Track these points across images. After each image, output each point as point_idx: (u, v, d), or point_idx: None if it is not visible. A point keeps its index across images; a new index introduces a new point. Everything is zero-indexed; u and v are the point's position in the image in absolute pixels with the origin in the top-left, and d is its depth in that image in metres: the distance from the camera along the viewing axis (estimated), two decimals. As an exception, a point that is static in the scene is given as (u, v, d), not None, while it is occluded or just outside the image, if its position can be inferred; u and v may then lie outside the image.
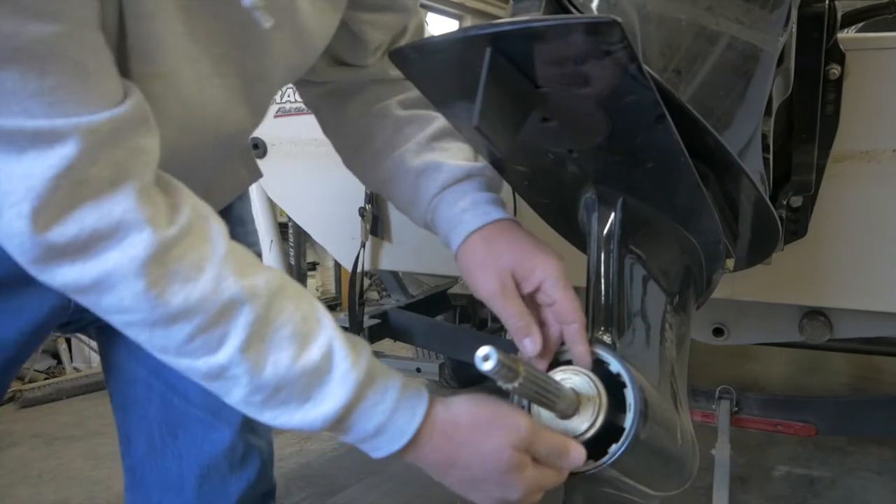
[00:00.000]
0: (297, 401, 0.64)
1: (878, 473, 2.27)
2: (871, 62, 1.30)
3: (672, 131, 0.64)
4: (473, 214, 0.83)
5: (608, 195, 0.77)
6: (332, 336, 0.65)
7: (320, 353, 0.64)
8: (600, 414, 0.69)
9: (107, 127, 0.57)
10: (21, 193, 0.55)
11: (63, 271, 0.59)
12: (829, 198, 1.33)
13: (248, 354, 0.61)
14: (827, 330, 1.56)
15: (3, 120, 0.54)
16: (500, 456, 0.67)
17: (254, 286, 0.62)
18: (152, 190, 0.61)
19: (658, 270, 0.83)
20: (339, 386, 0.64)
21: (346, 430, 0.66)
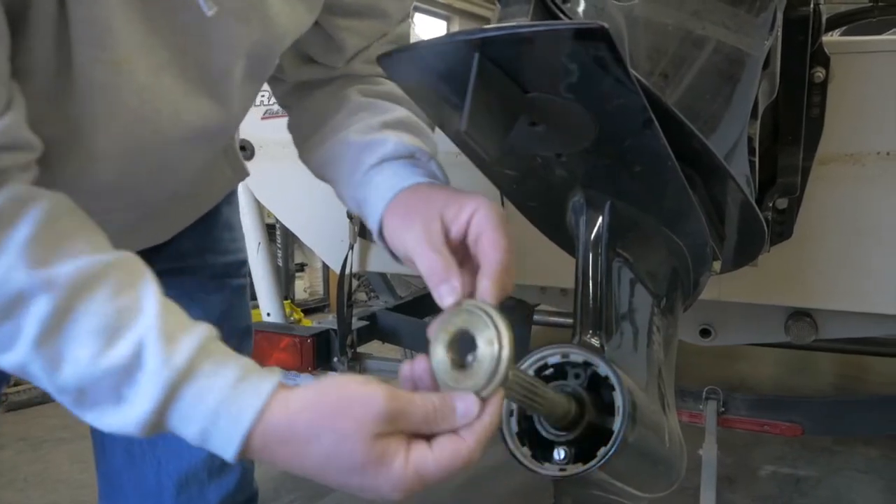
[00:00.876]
0: (109, 402, 0.56)
1: (863, 472, 2.29)
2: (855, 65, 1.31)
3: (659, 136, 0.65)
4: (408, 178, 0.76)
5: (596, 199, 0.77)
6: (150, 327, 0.56)
7: (130, 348, 0.55)
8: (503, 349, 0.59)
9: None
10: None
11: None
12: (814, 200, 1.35)
13: (42, 351, 0.55)
14: (812, 330, 1.57)
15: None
16: (351, 452, 0.56)
17: (52, 276, 0.55)
18: None
19: (645, 273, 0.84)
20: (148, 385, 0.55)
21: (177, 431, 0.58)
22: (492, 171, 0.79)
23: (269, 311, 2.11)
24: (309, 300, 5.18)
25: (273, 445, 0.57)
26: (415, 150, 0.81)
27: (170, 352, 0.56)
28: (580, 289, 0.78)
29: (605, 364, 0.72)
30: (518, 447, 0.73)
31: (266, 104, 1.80)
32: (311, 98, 0.91)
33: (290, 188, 1.83)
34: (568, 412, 0.70)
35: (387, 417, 0.56)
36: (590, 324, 0.77)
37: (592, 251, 0.77)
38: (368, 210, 0.79)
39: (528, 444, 0.73)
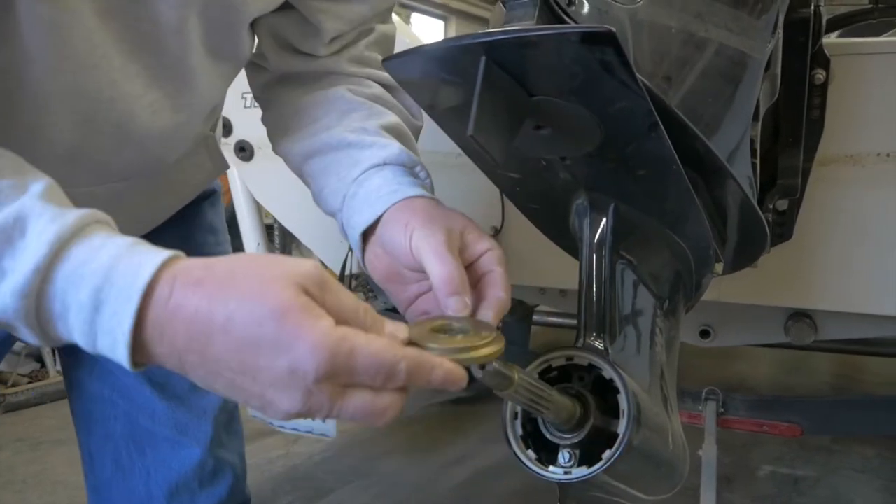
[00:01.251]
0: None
1: (861, 472, 2.29)
2: (855, 67, 1.31)
3: (665, 140, 0.65)
4: (409, 186, 0.74)
5: (600, 201, 0.77)
6: (33, 198, 0.50)
7: (11, 215, 0.49)
8: None
9: None
10: None
11: None
12: (814, 201, 1.35)
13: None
14: (812, 331, 1.58)
15: None
16: (275, 295, 0.47)
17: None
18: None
19: (648, 275, 0.84)
20: (34, 244, 0.48)
21: (63, 312, 0.48)
22: (495, 173, 0.79)
23: (268, 311, 2.11)
24: (306, 300, 5.16)
25: (182, 291, 0.47)
26: (416, 164, 0.81)
27: (57, 213, 0.50)
28: (584, 291, 0.78)
29: (610, 367, 0.72)
30: (523, 450, 0.73)
31: (265, 105, 1.79)
32: (296, 94, 0.87)
33: (289, 189, 1.82)
34: (573, 415, 0.70)
35: (317, 279, 0.49)
36: (594, 327, 0.77)
37: (596, 254, 0.77)
38: (360, 208, 0.75)
39: (532, 447, 0.73)
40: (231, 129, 1.83)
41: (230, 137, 1.84)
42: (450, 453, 2.48)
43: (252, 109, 1.80)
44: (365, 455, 2.52)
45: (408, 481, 2.32)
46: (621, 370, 0.72)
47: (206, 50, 0.74)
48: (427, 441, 2.62)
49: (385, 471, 2.41)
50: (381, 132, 0.80)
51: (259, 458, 2.44)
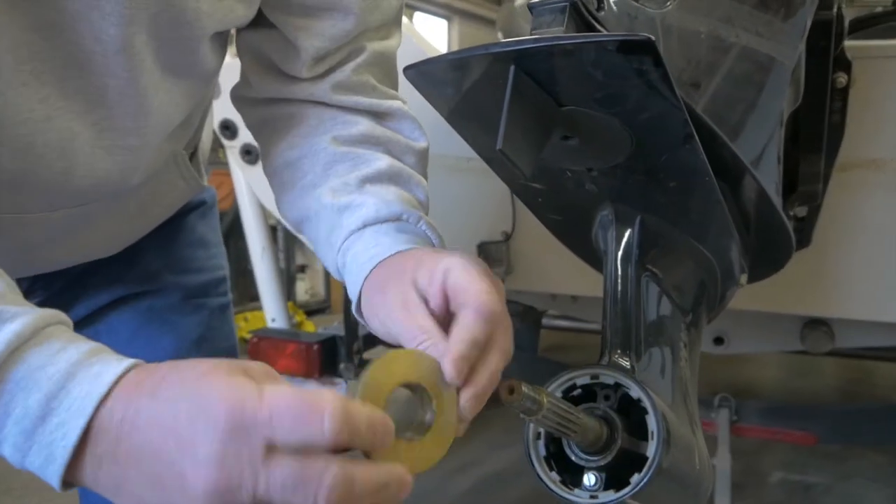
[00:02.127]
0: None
1: (872, 480, 2.27)
2: (877, 70, 1.29)
3: (699, 152, 0.62)
4: (387, 247, 0.68)
5: (626, 213, 0.74)
6: None
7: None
8: None
9: None
10: None
11: None
12: (833, 207, 1.32)
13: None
14: (829, 340, 1.55)
15: None
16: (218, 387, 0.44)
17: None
18: None
19: (673, 288, 0.81)
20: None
21: (2, 417, 0.45)
22: (518, 185, 0.76)
23: (274, 315, 2.08)
24: (311, 302, 5.14)
25: (139, 390, 0.45)
26: (401, 213, 0.72)
27: (17, 312, 0.46)
28: (609, 307, 0.75)
29: (637, 387, 0.69)
30: (546, 472, 0.71)
31: (271, 107, 1.76)
32: (285, 143, 0.82)
33: (295, 192, 1.80)
34: (600, 437, 0.67)
35: (262, 366, 0.47)
36: (619, 343, 0.74)
37: (622, 268, 0.75)
38: (349, 281, 0.71)
39: (556, 469, 0.71)
40: (236, 132, 1.80)
41: (235, 140, 1.81)
42: (455, 460, 2.46)
43: (258, 111, 1.77)
44: (370, 460, 2.49)
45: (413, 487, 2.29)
46: (649, 389, 0.70)
47: (159, 68, 0.70)
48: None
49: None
50: (363, 187, 0.75)
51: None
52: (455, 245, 1.73)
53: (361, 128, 0.79)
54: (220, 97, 1.80)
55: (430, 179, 1.67)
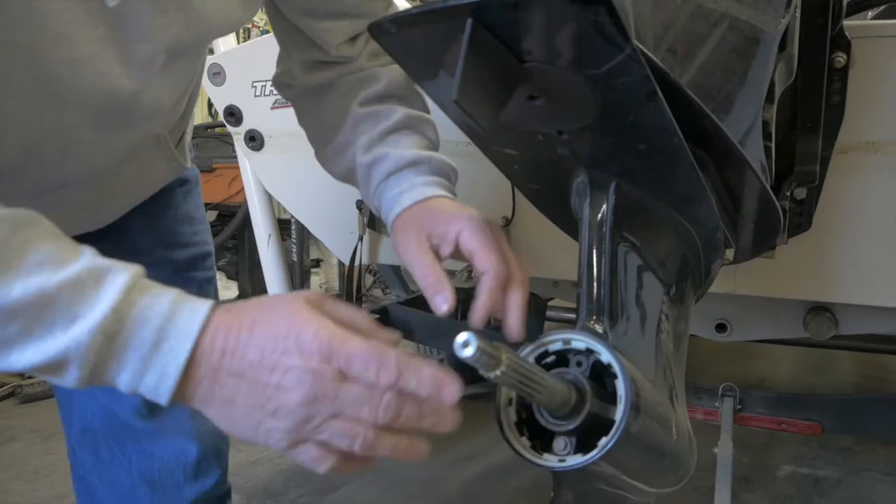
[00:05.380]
0: (62, 322, 0.54)
1: (885, 474, 2.23)
2: (878, 50, 1.26)
3: (664, 109, 0.62)
4: (409, 195, 0.85)
5: (600, 179, 0.74)
6: (94, 256, 0.57)
7: (80, 267, 0.55)
8: None
9: None
10: None
11: None
12: (834, 190, 1.30)
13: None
14: (832, 326, 1.53)
15: None
16: (290, 307, 0.57)
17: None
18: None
19: (654, 259, 0.80)
20: (108, 289, 0.55)
21: (122, 350, 0.55)
22: (492, 150, 0.76)
23: (279, 304, 2.09)
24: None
25: (223, 314, 0.58)
26: (415, 157, 0.89)
27: (122, 266, 0.57)
28: (584, 273, 0.75)
29: (607, 351, 0.69)
30: (516, 437, 0.70)
31: (276, 93, 1.77)
32: (319, 108, 0.97)
33: (299, 179, 1.81)
34: (567, 400, 0.67)
35: (315, 295, 0.61)
36: (593, 310, 0.74)
37: (597, 233, 0.74)
38: (386, 222, 0.90)
39: (527, 435, 0.70)
40: (241, 119, 1.81)
41: (240, 127, 1.82)
42: (460, 450, 2.45)
43: (262, 98, 1.78)
44: (377, 450, 2.49)
45: (417, 478, 2.29)
46: (621, 355, 0.69)
47: (164, 71, 0.76)
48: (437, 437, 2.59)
49: (395, 466, 2.38)
50: (385, 139, 0.91)
51: (270, 452, 2.43)
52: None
53: (381, 86, 0.94)
54: (225, 84, 1.82)
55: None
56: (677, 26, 0.74)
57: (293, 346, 0.56)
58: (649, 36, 0.70)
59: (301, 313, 0.57)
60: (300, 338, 0.56)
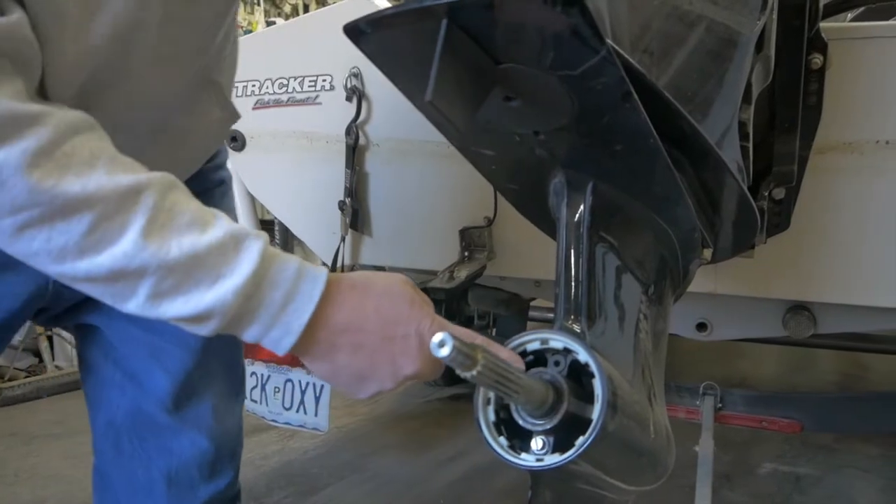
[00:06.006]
0: (207, 280, 0.62)
1: (864, 471, 2.25)
2: (854, 52, 1.28)
3: (639, 110, 0.62)
4: None
5: (578, 180, 0.74)
6: (226, 218, 0.66)
7: (222, 232, 0.64)
8: None
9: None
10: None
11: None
12: (812, 190, 1.32)
13: (151, 239, 0.61)
14: (811, 325, 1.54)
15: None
16: (402, 291, 0.69)
17: (147, 177, 0.63)
18: (33, 94, 0.63)
19: (632, 259, 0.81)
20: (247, 255, 0.63)
21: (256, 308, 0.64)
22: (469, 151, 0.77)
23: (262, 304, 2.08)
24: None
25: (345, 290, 0.68)
26: None
27: (255, 234, 0.65)
28: (561, 273, 0.75)
29: (585, 350, 0.69)
30: (494, 436, 0.71)
31: (257, 94, 1.77)
32: None
33: (281, 179, 1.80)
34: (545, 399, 0.67)
35: None
36: (571, 309, 0.74)
37: (574, 233, 0.75)
38: None
39: (505, 434, 0.71)
40: (222, 119, 1.81)
41: (221, 127, 1.82)
42: (445, 450, 2.46)
43: (243, 98, 1.78)
44: (359, 451, 2.49)
45: (402, 478, 2.29)
46: (599, 355, 0.70)
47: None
48: (422, 437, 2.60)
49: (379, 467, 2.38)
50: None
51: (254, 454, 2.42)
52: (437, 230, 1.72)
53: None
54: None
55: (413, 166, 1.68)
56: (653, 28, 0.75)
57: (414, 332, 0.68)
58: (625, 37, 0.71)
59: (417, 303, 0.69)
60: (422, 326, 0.68)
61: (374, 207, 1.72)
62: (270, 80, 1.74)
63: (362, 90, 1.62)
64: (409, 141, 1.62)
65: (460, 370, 0.58)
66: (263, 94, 1.76)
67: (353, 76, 1.63)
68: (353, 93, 1.63)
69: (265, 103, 1.77)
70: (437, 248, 1.65)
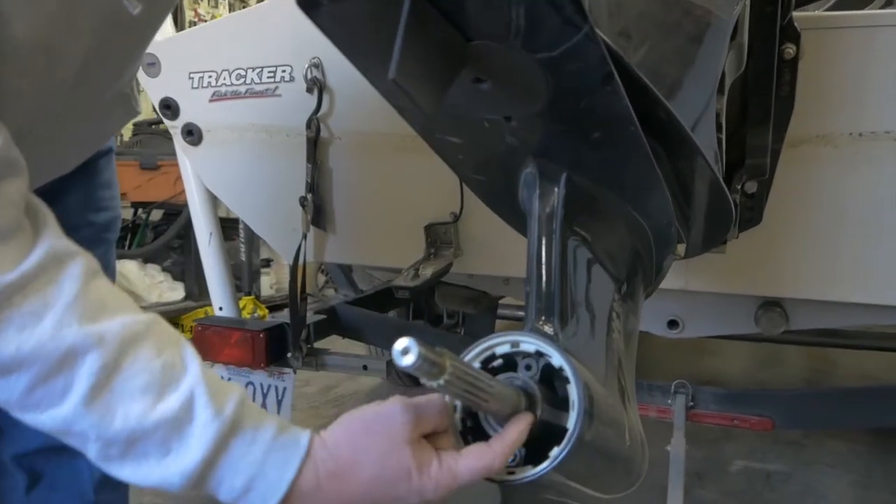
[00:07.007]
0: (155, 454, 0.58)
1: (832, 466, 2.25)
2: (828, 42, 1.25)
3: (621, 94, 0.58)
4: None
5: (550, 170, 0.70)
6: (196, 383, 0.60)
7: (179, 402, 0.58)
8: None
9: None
10: None
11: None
12: (784, 184, 1.28)
13: (93, 406, 0.57)
14: (783, 321, 1.52)
15: None
16: (398, 464, 0.61)
17: (102, 332, 0.57)
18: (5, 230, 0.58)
19: (605, 255, 0.77)
20: (199, 437, 0.58)
21: (215, 487, 0.60)
22: (434, 139, 0.71)
23: (222, 304, 2.01)
24: (276, 297, 5.05)
25: (323, 481, 0.61)
26: None
27: (218, 406, 0.59)
28: (533, 271, 0.70)
29: (559, 354, 0.64)
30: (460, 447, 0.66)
31: (214, 85, 1.69)
32: None
33: (239, 174, 1.73)
34: (517, 408, 0.62)
35: (412, 422, 0.61)
36: (543, 309, 0.69)
37: (546, 227, 0.70)
38: None
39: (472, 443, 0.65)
40: (178, 112, 1.73)
41: (177, 120, 1.74)
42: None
43: (200, 90, 1.70)
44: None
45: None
46: (573, 358, 0.65)
47: None
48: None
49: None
50: None
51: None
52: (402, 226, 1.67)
53: None
54: (161, 75, 1.74)
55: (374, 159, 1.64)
56: (631, 8, 0.70)
57: (416, 488, 0.61)
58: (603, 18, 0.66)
59: (414, 474, 0.61)
60: (423, 484, 0.61)
61: (337, 203, 1.66)
62: (228, 70, 1.67)
63: (323, 81, 1.56)
64: (373, 134, 1.56)
65: (426, 379, 0.53)
66: (220, 86, 1.69)
67: (314, 66, 1.56)
68: (314, 84, 1.57)
69: (222, 95, 1.69)
70: (402, 245, 1.60)
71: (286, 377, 1.88)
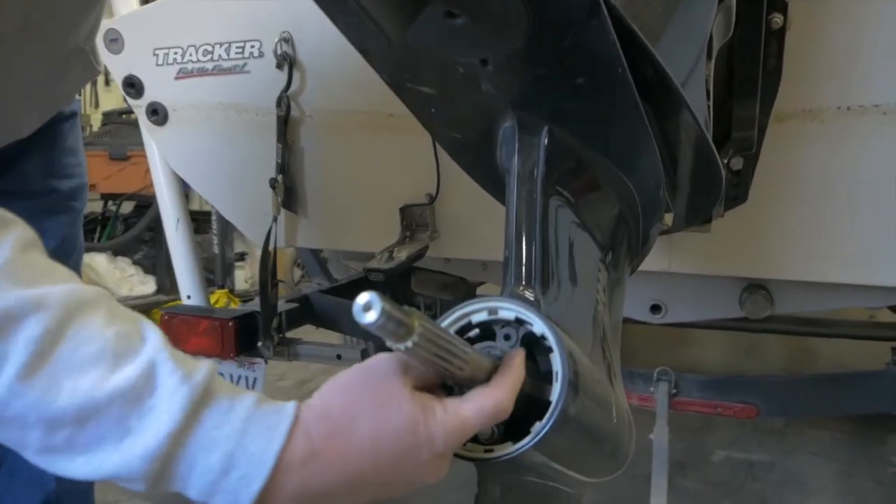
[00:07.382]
0: (111, 437, 0.48)
1: (814, 455, 2.24)
2: (815, 13, 1.21)
3: (608, 29, 0.52)
4: None
5: (531, 123, 0.64)
6: (157, 351, 0.50)
7: (138, 371, 0.49)
8: None
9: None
10: None
11: None
12: (770, 160, 1.24)
13: (33, 380, 0.47)
14: (768, 304, 1.48)
15: None
16: (398, 411, 0.52)
17: (42, 296, 0.48)
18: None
19: (589, 218, 0.71)
20: (164, 409, 0.48)
21: (186, 473, 0.49)
22: (404, 89, 0.65)
23: (190, 293, 1.94)
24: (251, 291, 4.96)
25: (319, 445, 0.51)
26: None
27: (187, 372, 0.50)
28: (512, 232, 0.65)
29: (541, 321, 0.59)
30: (434, 423, 0.60)
31: (180, 62, 1.62)
32: None
33: (206, 156, 1.67)
34: (494, 378, 0.57)
35: (402, 369, 0.54)
36: (523, 274, 0.64)
37: (526, 186, 0.64)
38: None
39: (447, 420, 0.60)
40: (142, 90, 1.66)
41: (141, 99, 1.67)
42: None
43: (165, 67, 1.63)
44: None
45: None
46: (556, 326, 0.59)
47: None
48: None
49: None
50: None
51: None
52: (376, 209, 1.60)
53: None
54: (124, 52, 1.66)
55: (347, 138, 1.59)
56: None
57: (427, 455, 0.54)
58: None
59: (421, 424, 0.53)
60: (434, 446, 0.54)
61: (309, 185, 1.59)
62: (194, 46, 1.60)
63: (294, 57, 1.50)
64: (346, 112, 1.50)
65: (392, 341, 0.47)
66: (186, 63, 1.62)
67: (284, 41, 1.50)
68: (284, 60, 1.50)
69: (188, 72, 1.62)
70: (377, 227, 1.54)
71: (257, 367, 1.82)
